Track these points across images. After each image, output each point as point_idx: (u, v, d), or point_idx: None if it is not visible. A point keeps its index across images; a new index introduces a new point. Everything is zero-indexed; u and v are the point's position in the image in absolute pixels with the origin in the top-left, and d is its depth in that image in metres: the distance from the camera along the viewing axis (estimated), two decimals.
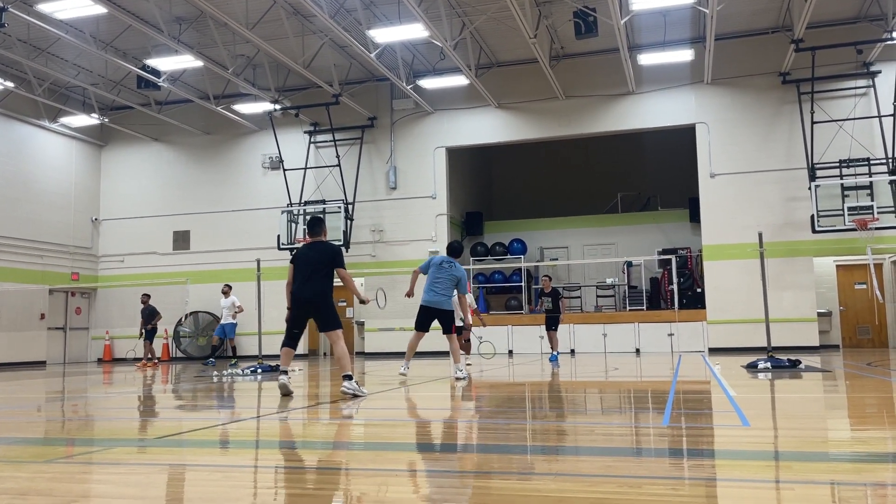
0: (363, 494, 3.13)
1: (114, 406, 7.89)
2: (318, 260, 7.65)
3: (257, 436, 5.16)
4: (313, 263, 7.64)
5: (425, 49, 18.93)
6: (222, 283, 19.14)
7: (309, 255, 7.72)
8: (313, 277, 7.60)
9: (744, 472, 3.41)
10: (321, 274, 7.62)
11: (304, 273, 7.65)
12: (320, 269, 7.63)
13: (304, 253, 7.82)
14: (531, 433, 5.01)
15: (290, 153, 21.55)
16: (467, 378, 9.90)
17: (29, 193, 21.17)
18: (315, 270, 7.62)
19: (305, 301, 7.64)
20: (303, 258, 7.75)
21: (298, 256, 7.84)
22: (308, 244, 7.94)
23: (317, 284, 7.60)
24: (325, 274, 7.64)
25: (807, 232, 17.76)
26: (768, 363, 10.67)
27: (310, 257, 7.70)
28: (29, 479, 3.46)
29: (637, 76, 19.10)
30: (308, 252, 7.78)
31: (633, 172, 24.05)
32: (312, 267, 7.63)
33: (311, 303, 7.63)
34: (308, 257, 7.71)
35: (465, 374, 9.99)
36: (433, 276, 9.96)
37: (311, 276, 7.60)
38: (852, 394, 7.38)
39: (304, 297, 7.63)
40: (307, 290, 7.61)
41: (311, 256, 7.71)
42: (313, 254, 7.73)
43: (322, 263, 7.63)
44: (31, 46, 17.97)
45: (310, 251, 7.78)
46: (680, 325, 18.48)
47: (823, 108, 18.01)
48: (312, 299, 7.61)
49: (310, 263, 7.65)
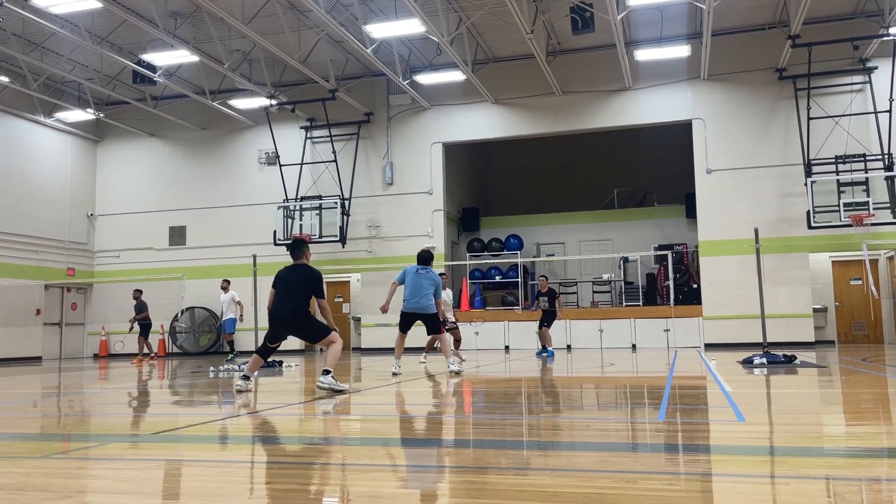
0: (358, 490, 3.13)
1: (110, 402, 7.88)
2: (298, 282, 7.68)
3: (253, 431, 5.16)
4: (293, 286, 7.67)
5: (422, 44, 18.90)
6: (219, 279, 19.14)
7: (290, 279, 7.73)
8: (291, 298, 7.62)
9: (739, 467, 3.42)
10: (299, 293, 7.64)
11: (283, 294, 7.67)
12: (299, 290, 7.65)
13: (285, 276, 7.80)
14: (527, 428, 5.02)
15: (287, 149, 21.51)
16: (461, 371, 10.24)
17: (24, 189, 21.10)
18: (294, 292, 7.65)
19: (285, 320, 7.64)
20: (283, 281, 7.75)
21: (280, 279, 7.82)
22: (290, 267, 7.91)
23: (295, 303, 7.60)
24: (302, 293, 7.65)
25: (803, 228, 17.80)
26: (764, 359, 10.70)
27: (290, 281, 7.71)
28: (25, 475, 3.46)
29: (634, 72, 19.09)
30: (289, 275, 7.78)
31: (629, 168, 24.06)
32: (292, 289, 7.66)
33: (290, 321, 7.63)
34: (289, 281, 7.72)
35: (459, 367, 10.33)
36: (414, 284, 10.32)
37: (289, 297, 7.62)
38: (847, 389, 7.40)
39: (283, 316, 7.63)
40: (286, 310, 7.61)
41: (291, 280, 7.72)
42: (294, 277, 7.73)
43: (302, 286, 7.66)
44: (26, 41, 17.90)
45: (291, 274, 7.78)
46: (676, 321, 18.51)
47: (820, 103, 18.03)
48: (292, 318, 7.61)
49: (289, 287, 7.68)
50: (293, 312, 7.59)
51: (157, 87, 20.87)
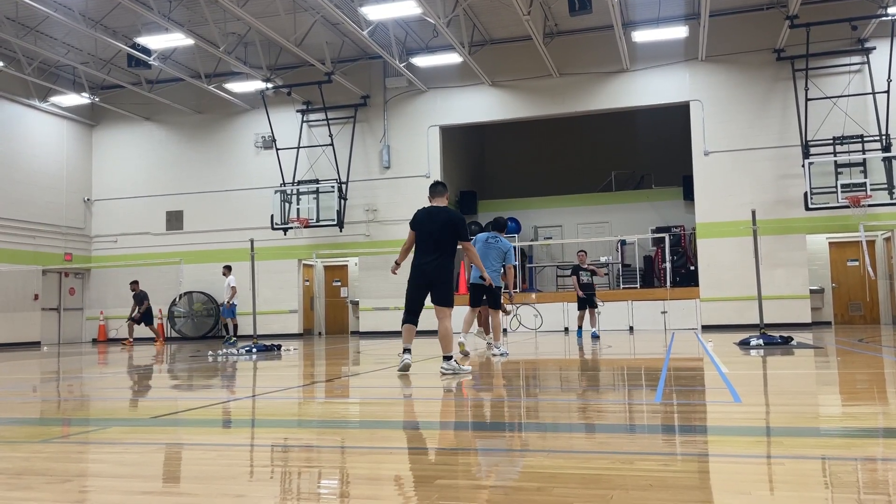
0: (357, 472, 3.15)
1: (109, 386, 7.90)
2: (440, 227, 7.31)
3: (253, 415, 5.18)
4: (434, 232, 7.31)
5: (418, 26, 18.79)
6: (217, 264, 19.19)
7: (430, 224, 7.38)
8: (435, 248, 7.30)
9: (735, 447, 3.45)
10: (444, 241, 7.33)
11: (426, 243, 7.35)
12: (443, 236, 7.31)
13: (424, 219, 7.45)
14: (524, 410, 5.05)
15: (283, 132, 21.44)
16: (505, 354, 9.89)
17: (20, 174, 21.03)
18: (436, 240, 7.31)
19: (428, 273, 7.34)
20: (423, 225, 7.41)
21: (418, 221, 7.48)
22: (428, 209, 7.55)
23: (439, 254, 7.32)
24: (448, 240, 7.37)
25: (800, 209, 17.81)
26: (760, 340, 10.73)
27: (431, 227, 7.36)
28: (25, 459, 3.47)
29: (631, 53, 19.01)
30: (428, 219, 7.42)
31: (627, 150, 24.01)
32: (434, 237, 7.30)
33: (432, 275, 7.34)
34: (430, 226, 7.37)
35: (503, 350, 10.00)
36: (481, 253, 9.93)
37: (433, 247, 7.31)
38: (843, 370, 7.44)
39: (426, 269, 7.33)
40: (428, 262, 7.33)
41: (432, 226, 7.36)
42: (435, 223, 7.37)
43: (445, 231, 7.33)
44: (19, 24, 17.76)
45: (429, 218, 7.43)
46: (673, 303, 18.55)
47: (818, 84, 17.98)
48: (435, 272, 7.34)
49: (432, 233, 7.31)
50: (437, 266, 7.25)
51: (153, 71, 20.75)
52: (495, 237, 10.25)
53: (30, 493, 2.79)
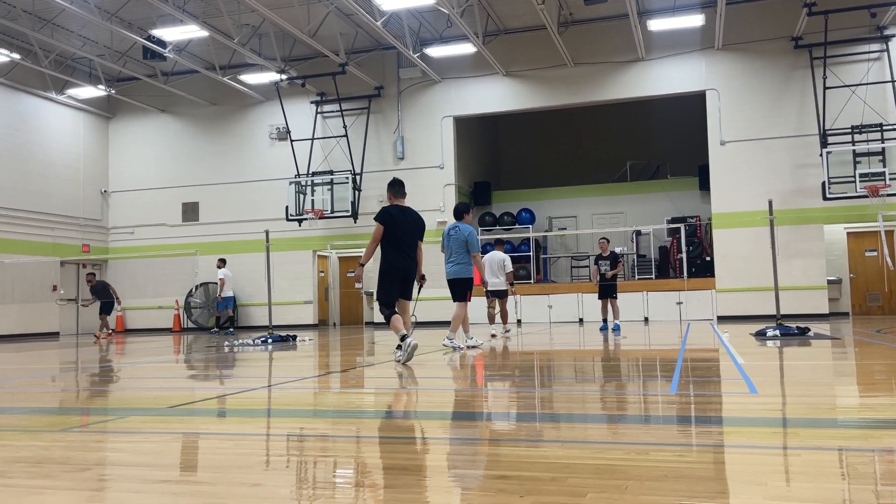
0: (372, 461, 3.17)
1: (127, 376, 7.98)
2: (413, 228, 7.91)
3: (268, 404, 5.22)
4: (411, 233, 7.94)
5: (432, 16, 18.73)
6: (233, 255, 19.32)
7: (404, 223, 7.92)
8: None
9: (751, 438, 3.43)
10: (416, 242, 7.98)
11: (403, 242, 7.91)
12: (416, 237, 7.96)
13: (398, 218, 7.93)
14: (539, 401, 5.05)
15: (297, 124, 21.49)
16: (462, 348, 9.58)
17: (38, 166, 21.22)
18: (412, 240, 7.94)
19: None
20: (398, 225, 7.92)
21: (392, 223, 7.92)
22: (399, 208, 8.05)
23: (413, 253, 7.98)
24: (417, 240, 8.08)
25: (817, 199, 17.64)
26: (777, 331, 10.66)
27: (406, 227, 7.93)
28: (45, 448, 3.52)
29: (647, 42, 18.86)
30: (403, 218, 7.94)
31: (642, 140, 23.87)
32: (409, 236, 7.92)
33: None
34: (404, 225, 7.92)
35: (459, 344, 9.67)
36: (447, 247, 10.00)
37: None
38: (861, 361, 7.38)
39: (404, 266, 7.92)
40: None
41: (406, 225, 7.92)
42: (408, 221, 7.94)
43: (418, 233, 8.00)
44: (36, 17, 17.88)
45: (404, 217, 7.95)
46: (689, 294, 18.47)
47: (836, 73, 17.77)
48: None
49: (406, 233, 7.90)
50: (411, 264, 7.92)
51: (168, 63, 20.84)
52: (455, 227, 9.92)
53: (49, 481, 2.83)
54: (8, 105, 20.53)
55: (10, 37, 19.43)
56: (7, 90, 20.45)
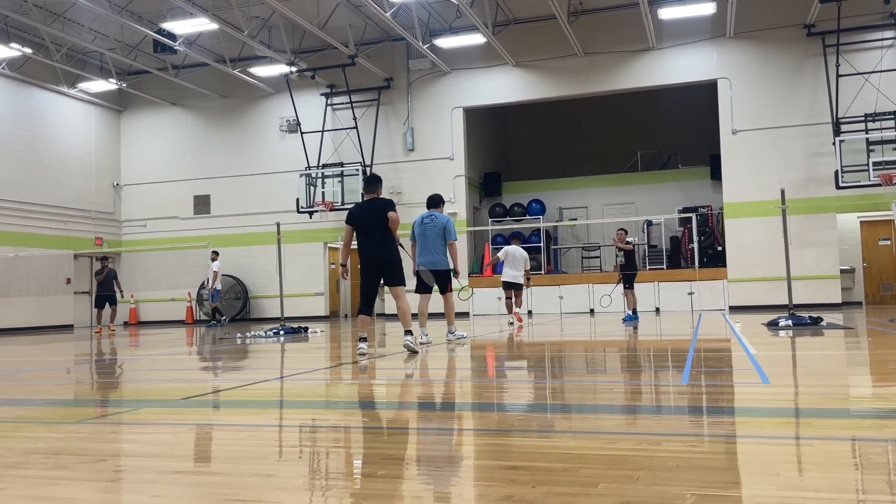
0: (384, 452, 3.19)
1: (141, 368, 8.04)
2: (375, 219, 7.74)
3: (281, 396, 5.25)
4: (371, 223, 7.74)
5: (441, 7, 18.67)
6: (245, 247, 19.38)
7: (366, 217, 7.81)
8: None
9: (763, 428, 3.43)
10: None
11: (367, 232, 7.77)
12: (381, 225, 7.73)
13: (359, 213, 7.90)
14: (551, 392, 5.06)
15: (307, 116, 21.50)
16: (463, 337, 9.74)
17: (50, 159, 21.35)
18: None
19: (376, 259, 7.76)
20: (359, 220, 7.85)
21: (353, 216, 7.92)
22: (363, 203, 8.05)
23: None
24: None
25: (830, 188, 17.51)
26: (789, 321, 10.61)
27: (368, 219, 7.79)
28: (60, 439, 3.56)
29: (657, 31, 18.74)
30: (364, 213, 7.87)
31: (653, 130, 23.75)
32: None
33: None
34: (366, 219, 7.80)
35: (463, 334, 9.71)
36: (419, 236, 9.53)
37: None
38: (874, 350, 7.34)
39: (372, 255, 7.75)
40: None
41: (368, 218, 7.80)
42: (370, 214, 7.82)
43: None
44: (47, 12, 17.95)
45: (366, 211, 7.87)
46: (700, 284, 18.40)
47: (849, 60, 17.60)
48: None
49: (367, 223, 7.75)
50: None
51: (178, 56, 20.89)
52: (430, 215, 9.64)
53: (65, 472, 2.86)
54: (20, 99, 20.64)
55: (21, 31, 19.52)
56: (19, 84, 20.56)
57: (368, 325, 7.85)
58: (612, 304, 15.81)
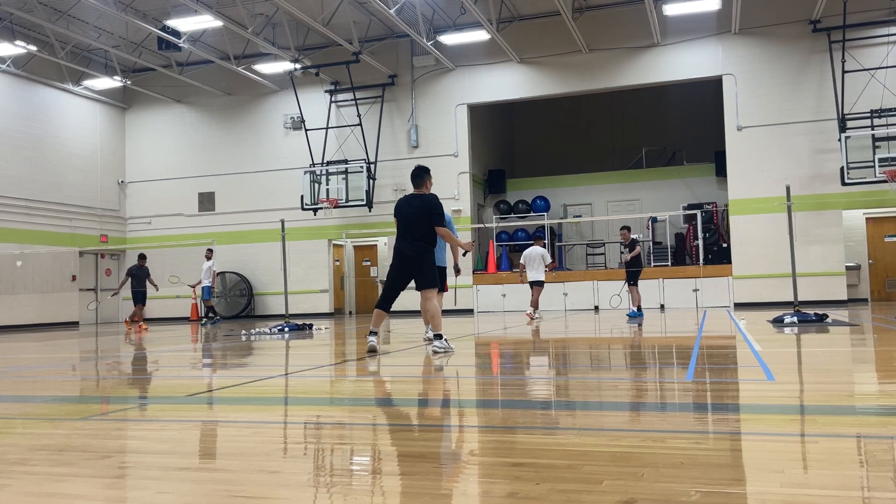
0: (389, 449, 3.19)
1: (146, 364, 8.06)
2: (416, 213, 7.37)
3: (286, 392, 5.25)
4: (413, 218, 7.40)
5: (445, 3, 18.65)
6: (249, 244, 19.38)
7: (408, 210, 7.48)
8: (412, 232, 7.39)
9: (768, 425, 3.42)
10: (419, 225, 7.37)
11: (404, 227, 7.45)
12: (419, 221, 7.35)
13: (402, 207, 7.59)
14: (555, 388, 5.05)
15: (312, 113, 21.51)
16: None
17: (55, 157, 21.40)
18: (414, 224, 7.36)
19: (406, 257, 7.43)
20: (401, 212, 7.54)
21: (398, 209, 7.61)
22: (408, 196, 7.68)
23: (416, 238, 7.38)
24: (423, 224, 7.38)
25: (836, 184, 17.46)
26: (795, 318, 10.58)
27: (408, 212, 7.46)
28: (65, 436, 3.57)
29: (662, 27, 18.69)
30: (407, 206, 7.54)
31: (657, 127, 23.69)
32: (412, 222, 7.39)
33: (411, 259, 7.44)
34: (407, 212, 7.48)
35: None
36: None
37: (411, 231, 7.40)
38: (879, 347, 7.32)
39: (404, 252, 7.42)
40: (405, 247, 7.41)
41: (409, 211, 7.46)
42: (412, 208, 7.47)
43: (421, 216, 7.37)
44: (51, 9, 17.98)
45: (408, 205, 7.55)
46: (705, 281, 18.36)
47: (855, 56, 17.53)
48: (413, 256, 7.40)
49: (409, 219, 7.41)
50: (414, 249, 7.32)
51: (183, 54, 20.91)
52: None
53: (70, 468, 2.87)
54: (25, 97, 20.69)
55: (26, 28, 19.56)
56: (24, 82, 20.61)
57: (381, 321, 7.61)
58: (622, 302, 15.89)
